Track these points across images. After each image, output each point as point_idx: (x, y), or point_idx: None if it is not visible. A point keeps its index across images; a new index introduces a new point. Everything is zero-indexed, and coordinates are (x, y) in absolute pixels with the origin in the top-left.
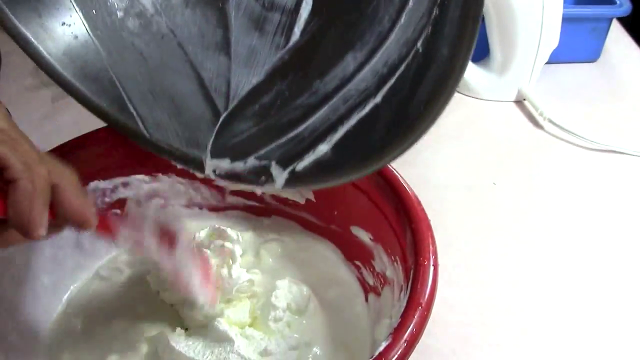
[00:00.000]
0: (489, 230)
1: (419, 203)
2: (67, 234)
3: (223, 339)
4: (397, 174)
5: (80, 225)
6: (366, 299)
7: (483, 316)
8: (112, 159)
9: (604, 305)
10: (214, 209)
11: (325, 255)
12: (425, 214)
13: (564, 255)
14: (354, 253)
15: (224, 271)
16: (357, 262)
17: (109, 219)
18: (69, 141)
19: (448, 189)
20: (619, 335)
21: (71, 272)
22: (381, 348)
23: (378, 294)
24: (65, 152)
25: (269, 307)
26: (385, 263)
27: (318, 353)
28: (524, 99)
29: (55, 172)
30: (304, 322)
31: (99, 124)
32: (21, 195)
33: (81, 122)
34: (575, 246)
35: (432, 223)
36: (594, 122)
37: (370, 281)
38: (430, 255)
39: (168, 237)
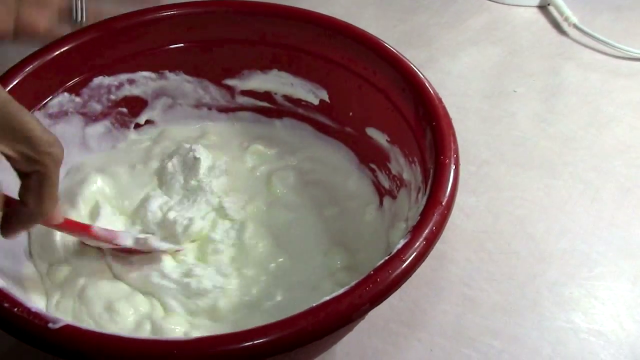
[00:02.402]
0: (507, 139)
1: (440, 100)
2: None
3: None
4: (416, 70)
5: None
6: (381, 203)
7: (499, 225)
8: (116, 53)
9: (624, 216)
10: (223, 110)
11: (339, 159)
12: (446, 111)
13: (584, 165)
14: (369, 156)
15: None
16: (372, 165)
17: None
18: (71, 34)
19: (466, 97)
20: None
21: None
22: (399, 246)
23: (394, 197)
24: (66, 45)
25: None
26: (402, 165)
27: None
28: (548, 4)
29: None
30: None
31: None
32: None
33: None
34: (598, 156)
35: None
36: (621, 28)
37: (386, 184)
38: (452, 153)
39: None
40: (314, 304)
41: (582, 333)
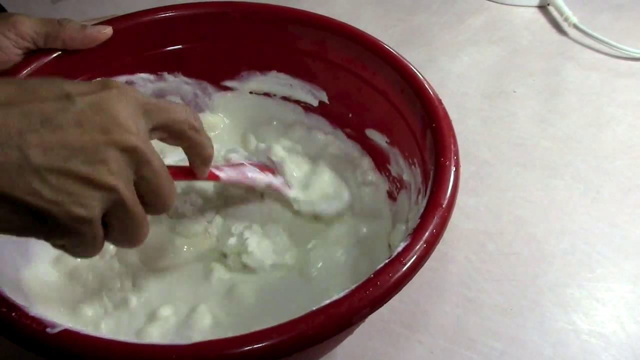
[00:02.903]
0: (507, 139)
1: (440, 101)
2: None
3: None
4: (416, 71)
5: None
6: None
7: (499, 225)
8: (114, 55)
9: (625, 216)
10: None
11: None
12: (446, 112)
13: (585, 164)
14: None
15: None
16: None
17: None
18: None
19: (466, 97)
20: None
21: None
22: (399, 249)
23: (394, 199)
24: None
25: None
26: (402, 166)
27: None
28: (548, 4)
29: None
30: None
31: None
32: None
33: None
34: (598, 156)
35: None
36: (621, 28)
37: (386, 186)
38: (452, 155)
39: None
40: (315, 308)
41: (583, 334)
